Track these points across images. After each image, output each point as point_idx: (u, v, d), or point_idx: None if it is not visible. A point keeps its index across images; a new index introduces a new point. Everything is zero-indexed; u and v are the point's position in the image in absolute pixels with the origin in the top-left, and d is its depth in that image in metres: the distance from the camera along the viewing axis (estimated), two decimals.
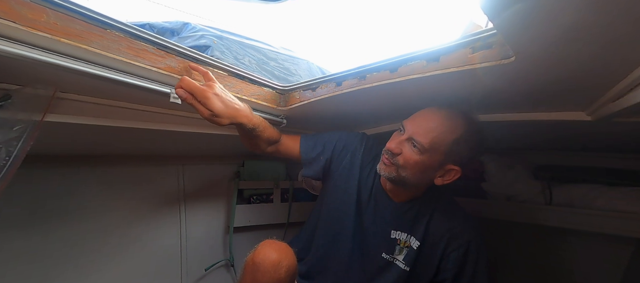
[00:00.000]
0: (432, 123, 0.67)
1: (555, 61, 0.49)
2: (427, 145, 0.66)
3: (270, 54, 1.51)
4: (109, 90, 0.63)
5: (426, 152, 0.67)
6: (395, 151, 0.70)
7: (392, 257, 0.80)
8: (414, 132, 0.68)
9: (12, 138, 0.55)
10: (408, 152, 0.68)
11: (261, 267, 0.65)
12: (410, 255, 0.77)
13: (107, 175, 1.02)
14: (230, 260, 1.27)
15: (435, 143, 0.66)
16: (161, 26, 1.35)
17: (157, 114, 0.75)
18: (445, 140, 0.66)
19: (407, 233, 0.79)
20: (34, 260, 0.90)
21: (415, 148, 0.67)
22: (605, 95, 0.59)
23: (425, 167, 0.69)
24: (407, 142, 0.69)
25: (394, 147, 0.70)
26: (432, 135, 0.66)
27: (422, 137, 0.66)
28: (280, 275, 0.66)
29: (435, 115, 0.68)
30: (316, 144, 0.89)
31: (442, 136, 0.66)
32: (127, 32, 0.53)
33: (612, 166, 1.17)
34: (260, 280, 0.65)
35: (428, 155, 0.67)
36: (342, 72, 0.76)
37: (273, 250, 0.68)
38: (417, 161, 0.68)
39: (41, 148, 0.77)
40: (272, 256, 0.67)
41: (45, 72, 0.51)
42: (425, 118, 0.69)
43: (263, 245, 0.70)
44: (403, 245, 0.79)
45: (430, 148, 0.66)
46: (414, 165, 0.69)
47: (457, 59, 0.57)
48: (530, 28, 0.41)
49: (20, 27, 0.41)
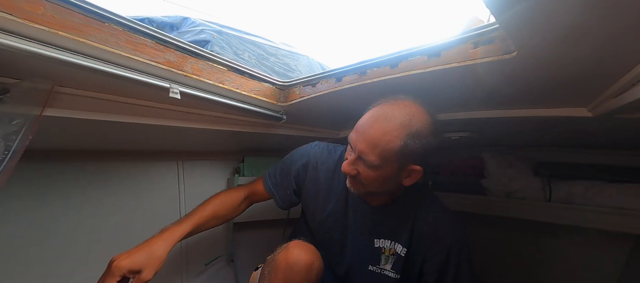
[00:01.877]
0: (376, 134, 0.63)
1: (557, 56, 0.49)
2: (377, 161, 0.63)
3: (270, 50, 1.50)
4: (107, 84, 0.62)
5: (379, 167, 0.64)
6: (352, 173, 0.68)
7: (379, 268, 0.77)
8: (361, 150, 0.65)
9: (11, 132, 0.55)
10: (364, 171, 0.66)
11: (296, 268, 0.66)
12: (398, 262, 0.75)
13: (106, 170, 1.02)
14: (230, 255, 1.28)
15: (384, 157, 0.63)
16: (160, 21, 1.34)
17: (156, 108, 0.75)
18: (393, 149, 0.62)
19: (390, 240, 0.76)
20: (33, 255, 0.90)
21: (368, 165, 0.65)
22: (607, 90, 0.58)
23: (386, 178, 0.67)
24: (359, 160, 0.66)
25: (349, 170, 0.68)
26: (378, 150, 0.63)
27: (370, 155, 0.64)
28: (312, 277, 0.67)
29: (377, 124, 0.64)
30: (276, 179, 0.90)
31: (389, 146, 0.62)
32: (125, 26, 0.53)
33: (612, 163, 1.17)
34: (294, 279, 0.65)
35: (382, 169, 0.65)
36: (342, 68, 0.76)
37: (305, 252, 0.68)
38: (375, 176, 0.66)
39: (40, 143, 0.77)
40: (305, 258, 0.67)
41: (43, 66, 0.50)
42: (367, 133, 0.64)
43: (294, 246, 0.69)
44: (389, 254, 0.77)
45: (381, 163, 0.64)
46: (374, 180, 0.67)
47: (458, 54, 0.56)
48: (534, 23, 0.40)
49: (17, 20, 0.41)
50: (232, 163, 1.33)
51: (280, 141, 1.24)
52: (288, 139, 1.18)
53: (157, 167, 1.14)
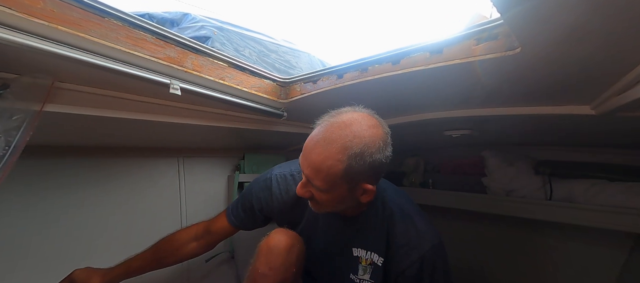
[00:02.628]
0: (317, 160, 0.61)
1: (561, 53, 0.48)
2: (323, 186, 0.62)
3: (271, 46, 1.50)
4: (108, 80, 0.62)
5: (328, 190, 0.63)
6: (306, 196, 0.67)
7: (358, 277, 0.76)
8: (308, 175, 0.63)
9: (12, 127, 0.55)
10: (317, 194, 0.65)
11: (275, 250, 0.70)
12: (376, 271, 0.74)
13: (106, 166, 1.02)
14: (230, 252, 1.28)
15: (329, 182, 0.61)
16: (161, 16, 1.33)
17: (156, 105, 0.75)
18: (337, 173, 0.60)
19: (366, 250, 0.75)
20: (33, 251, 0.90)
21: (317, 189, 0.64)
22: (610, 88, 0.58)
23: (339, 200, 0.65)
24: (309, 183, 0.65)
25: (302, 193, 0.67)
26: (322, 175, 0.61)
27: (316, 180, 0.62)
28: (292, 259, 0.71)
29: (318, 148, 0.61)
30: (240, 214, 0.87)
31: (332, 171, 0.60)
32: (125, 21, 0.52)
33: (613, 162, 1.17)
34: (274, 261, 0.69)
35: (332, 192, 0.63)
36: (343, 64, 0.76)
37: (285, 235, 0.73)
38: (328, 198, 0.65)
39: (40, 139, 0.77)
40: (285, 240, 0.72)
41: (43, 61, 0.50)
42: (310, 155, 0.62)
43: (276, 232, 0.74)
44: (366, 264, 0.76)
45: (328, 187, 0.62)
46: (330, 201, 0.66)
47: (461, 50, 0.56)
48: (540, 19, 0.40)
49: (17, 14, 0.40)
50: (232, 161, 1.33)
51: (280, 138, 1.24)
52: (288, 136, 1.18)
53: (158, 163, 1.14)
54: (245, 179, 1.28)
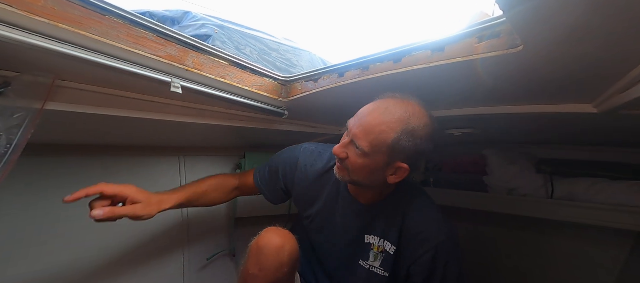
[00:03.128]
0: (372, 122, 0.63)
1: (564, 51, 0.48)
2: (367, 148, 0.63)
3: (271, 45, 1.49)
4: (108, 78, 0.62)
5: (368, 154, 0.64)
6: (341, 156, 0.68)
7: (367, 263, 0.78)
8: (355, 134, 0.65)
9: (13, 125, 0.55)
10: (353, 156, 0.66)
11: (265, 250, 0.68)
12: (387, 259, 0.75)
13: (107, 164, 1.02)
14: (231, 250, 1.28)
15: (374, 146, 0.63)
16: (161, 14, 1.33)
17: (157, 103, 0.75)
18: (386, 141, 0.62)
19: (379, 237, 0.76)
20: (33, 249, 0.91)
21: (358, 150, 0.65)
22: (613, 86, 0.57)
23: (371, 169, 0.66)
24: (351, 144, 0.66)
25: (339, 152, 0.68)
26: (371, 138, 0.63)
27: (362, 141, 0.64)
28: (283, 259, 0.68)
29: (376, 113, 0.64)
30: (265, 176, 0.91)
31: (382, 136, 0.62)
32: (126, 19, 0.52)
33: (614, 160, 1.16)
34: (264, 262, 0.67)
35: (370, 158, 0.65)
36: (344, 63, 0.75)
37: (276, 235, 0.70)
38: (362, 164, 0.66)
39: (41, 137, 0.77)
40: (275, 240, 0.69)
41: (44, 59, 0.50)
42: (365, 119, 0.65)
43: (266, 231, 0.72)
44: (377, 250, 0.77)
45: (371, 151, 0.63)
46: (360, 169, 0.66)
47: (462, 48, 0.55)
48: (542, 17, 0.40)
49: (17, 11, 0.40)
50: (233, 159, 1.33)
51: (281, 137, 1.24)
52: (289, 135, 1.18)
53: (159, 162, 1.14)
54: None
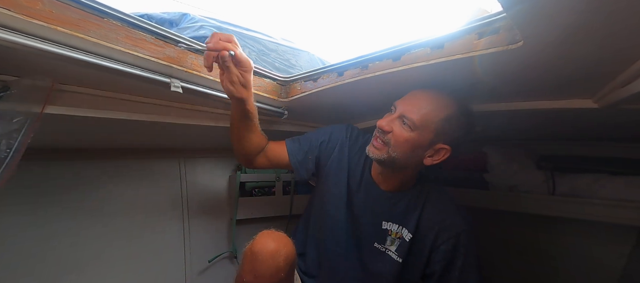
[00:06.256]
0: (423, 101, 0.68)
1: (565, 46, 0.48)
2: (418, 122, 0.66)
3: (270, 46, 1.49)
4: (108, 81, 0.62)
5: (417, 128, 0.67)
6: (386, 128, 0.69)
7: (384, 247, 0.79)
8: (405, 109, 0.68)
9: (13, 130, 0.55)
10: (398, 130, 0.68)
11: (260, 256, 0.66)
12: (402, 246, 0.77)
13: (108, 167, 1.02)
14: (233, 252, 1.28)
15: (425, 120, 0.67)
16: (160, 17, 1.33)
17: (157, 105, 0.74)
18: (436, 118, 0.67)
19: (398, 225, 0.78)
20: (36, 252, 0.90)
21: (406, 125, 0.68)
22: (614, 81, 0.57)
23: (415, 145, 0.69)
24: (398, 119, 0.69)
25: (384, 125, 0.70)
26: (423, 112, 0.67)
27: (413, 114, 0.67)
28: (279, 264, 0.66)
29: (426, 94, 0.69)
30: (302, 144, 0.87)
31: (433, 113, 0.67)
32: (125, 21, 0.52)
33: (616, 155, 1.16)
34: (259, 269, 0.66)
35: (418, 133, 0.67)
36: (343, 62, 0.75)
37: (271, 239, 0.69)
38: (407, 138, 0.68)
39: (41, 141, 0.77)
40: (270, 245, 0.67)
41: (43, 63, 0.50)
42: (416, 97, 0.70)
43: (261, 235, 0.70)
44: (395, 237, 0.78)
45: (420, 125, 0.67)
46: (404, 143, 0.68)
47: (462, 45, 0.55)
48: (543, 13, 0.40)
49: (15, 15, 0.40)
50: (233, 161, 1.32)
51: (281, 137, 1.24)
52: (290, 135, 1.17)
53: (159, 164, 1.14)
54: (246, 179, 1.28)
